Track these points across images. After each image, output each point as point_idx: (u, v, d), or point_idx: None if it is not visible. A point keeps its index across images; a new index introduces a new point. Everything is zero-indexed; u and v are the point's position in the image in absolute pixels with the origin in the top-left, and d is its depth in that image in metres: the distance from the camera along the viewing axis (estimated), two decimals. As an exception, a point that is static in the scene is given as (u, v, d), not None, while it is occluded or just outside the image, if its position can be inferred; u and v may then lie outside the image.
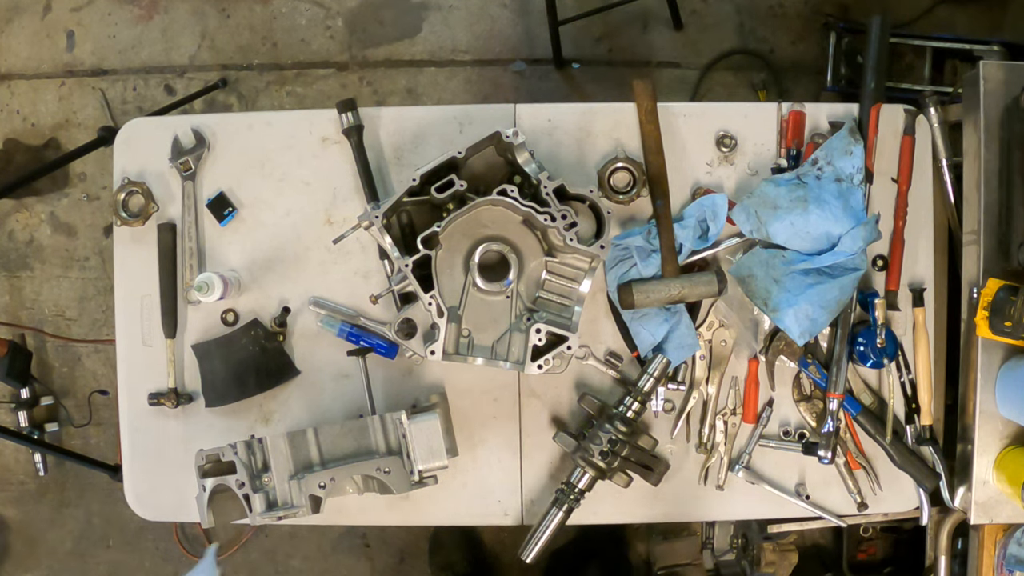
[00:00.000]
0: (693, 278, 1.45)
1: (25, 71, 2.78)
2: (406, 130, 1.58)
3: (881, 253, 1.54)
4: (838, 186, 1.48)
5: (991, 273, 1.46)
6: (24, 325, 2.71)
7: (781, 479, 1.55)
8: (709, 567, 2.26)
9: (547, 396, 1.55)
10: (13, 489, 2.74)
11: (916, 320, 1.52)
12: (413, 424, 1.39)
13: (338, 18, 2.72)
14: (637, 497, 1.51)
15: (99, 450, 2.65)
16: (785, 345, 1.52)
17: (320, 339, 1.56)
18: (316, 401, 1.56)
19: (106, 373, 2.70)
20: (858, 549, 2.21)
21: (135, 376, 1.58)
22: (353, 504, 1.53)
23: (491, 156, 1.49)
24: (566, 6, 2.48)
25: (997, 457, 1.49)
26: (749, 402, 1.53)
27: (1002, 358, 1.48)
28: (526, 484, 1.56)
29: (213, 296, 1.48)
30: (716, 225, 1.49)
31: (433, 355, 1.36)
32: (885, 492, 1.54)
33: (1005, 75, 1.50)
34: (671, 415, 1.54)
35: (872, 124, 1.51)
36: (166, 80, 2.75)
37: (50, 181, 2.71)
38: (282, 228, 1.58)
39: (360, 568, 2.65)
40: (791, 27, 2.65)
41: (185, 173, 1.58)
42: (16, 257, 2.75)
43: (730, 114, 1.57)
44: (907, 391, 1.53)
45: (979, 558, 1.57)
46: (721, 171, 1.56)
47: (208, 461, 1.38)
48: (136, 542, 2.69)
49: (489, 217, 1.42)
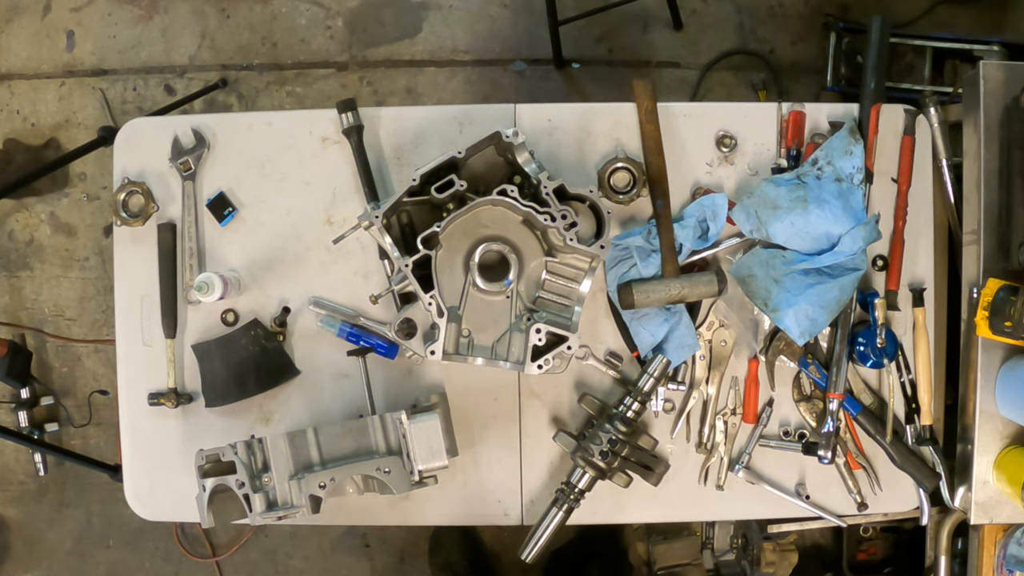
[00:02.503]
0: (693, 278, 1.45)
1: (25, 71, 2.78)
2: (406, 130, 1.58)
3: (881, 253, 1.54)
4: (838, 186, 1.48)
5: (991, 273, 1.46)
6: (24, 325, 2.71)
7: (781, 479, 1.55)
8: (709, 567, 2.26)
9: (547, 396, 1.55)
10: (13, 489, 2.74)
11: (916, 320, 1.52)
12: (413, 424, 1.39)
13: (338, 18, 2.72)
14: (637, 497, 1.51)
15: (99, 450, 2.65)
16: (785, 345, 1.52)
17: (320, 339, 1.56)
18: (316, 401, 1.56)
19: (106, 373, 2.70)
20: (858, 549, 2.21)
21: (135, 376, 1.58)
22: (353, 504, 1.53)
23: (491, 156, 1.49)
24: (566, 6, 2.48)
25: (997, 457, 1.49)
26: (749, 402, 1.53)
27: (1002, 358, 1.48)
28: (526, 484, 1.56)
29: (213, 296, 1.48)
30: (716, 225, 1.49)
31: (433, 355, 1.36)
32: (885, 492, 1.54)
33: (1005, 75, 1.50)
34: (671, 415, 1.54)
35: (872, 124, 1.51)
36: (166, 80, 2.75)
37: (50, 181, 2.71)
38: (282, 228, 1.58)
39: (360, 568, 2.65)
40: (791, 27, 2.65)
41: (185, 173, 1.58)
42: (16, 257, 2.75)
43: (730, 114, 1.57)
44: (907, 391, 1.53)
45: (979, 558, 1.58)
46: (721, 171, 1.56)
47: (208, 461, 1.38)
48: (136, 542, 2.69)
49: (489, 217, 1.42)
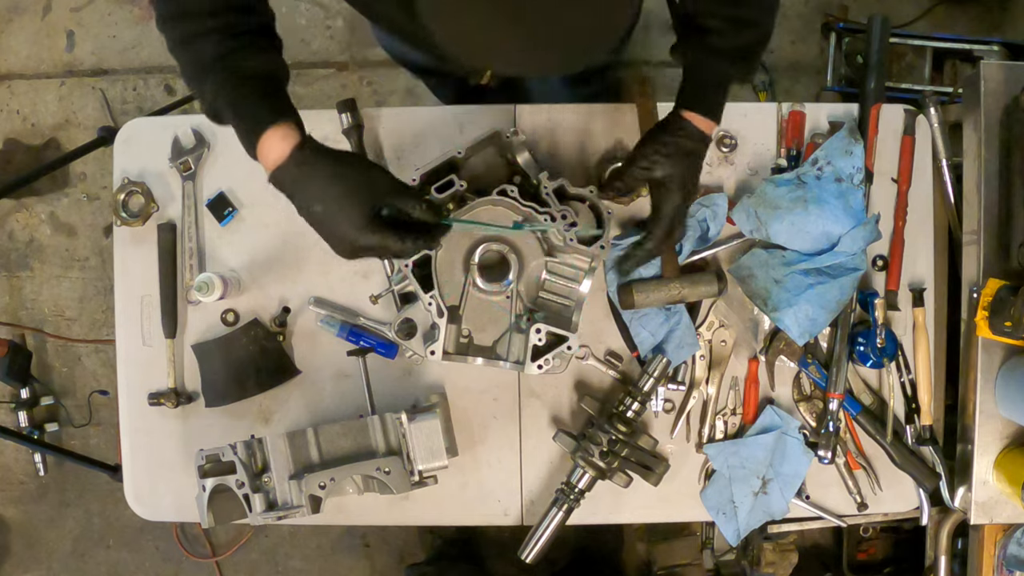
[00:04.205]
0: (693, 278, 1.45)
1: (25, 71, 2.79)
2: (406, 130, 1.58)
3: (881, 253, 1.54)
4: (838, 186, 1.48)
5: (991, 273, 1.46)
6: (24, 325, 2.71)
7: (781, 479, 1.55)
8: (709, 567, 2.26)
9: (547, 396, 1.55)
10: (13, 489, 2.74)
11: (916, 320, 1.52)
12: (413, 424, 1.39)
13: (338, 18, 2.72)
14: (637, 497, 1.51)
15: (99, 450, 2.65)
16: (785, 345, 1.52)
17: (320, 339, 1.56)
18: (316, 401, 1.57)
19: (106, 373, 2.70)
20: (858, 549, 2.21)
21: (135, 376, 1.58)
22: (353, 504, 1.53)
23: (491, 156, 1.49)
24: (566, 6, 2.48)
25: (997, 457, 1.49)
26: (749, 402, 1.53)
27: (1002, 358, 1.48)
28: (526, 484, 1.56)
29: (213, 296, 1.48)
30: (716, 225, 1.49)
31: (433, 355, 1.36)
32: (885, 492, 1.54)
33: (1005, 75, 1.50)
34: (671, 415, 1.54)
35: (872, 124, 1.51)
36: (166, 80, 2.75)
37: (50, 181, 2.71)
38: (282, 228, 1.57)
39: (360, 568, 2.65)
40: (791, 27, 2.65)
41: (185, 173, 1.58)
42: (16, 257, 2.75)
43: (730, 114, 1.55)
44: (907, 391, 1.53)
45: (979, 558, 1.58)
46: (721, 171, 1.56)
47: (208, 461, 1.38)
48: (136, 542, 2.70)
49: (489, 217, 1.42)
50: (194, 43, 1.11)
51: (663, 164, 1.24)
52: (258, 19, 1.16)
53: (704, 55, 1.23)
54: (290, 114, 1.12)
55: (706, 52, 1.22)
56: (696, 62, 1.25)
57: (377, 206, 1.13)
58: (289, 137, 1.10)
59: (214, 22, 1.10)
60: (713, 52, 1.22)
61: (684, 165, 1.25)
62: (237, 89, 1.11)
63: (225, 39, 1.11)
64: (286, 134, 1.10)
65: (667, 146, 1.24)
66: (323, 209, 1.11)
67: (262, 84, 1.14)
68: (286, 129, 1.10)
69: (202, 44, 1.10)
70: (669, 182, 1.25)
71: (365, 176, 1.14)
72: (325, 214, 1.11)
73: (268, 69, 1.16)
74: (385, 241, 1.12)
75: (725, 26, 1.20)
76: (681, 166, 1.24)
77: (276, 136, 1.09)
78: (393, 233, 1.13)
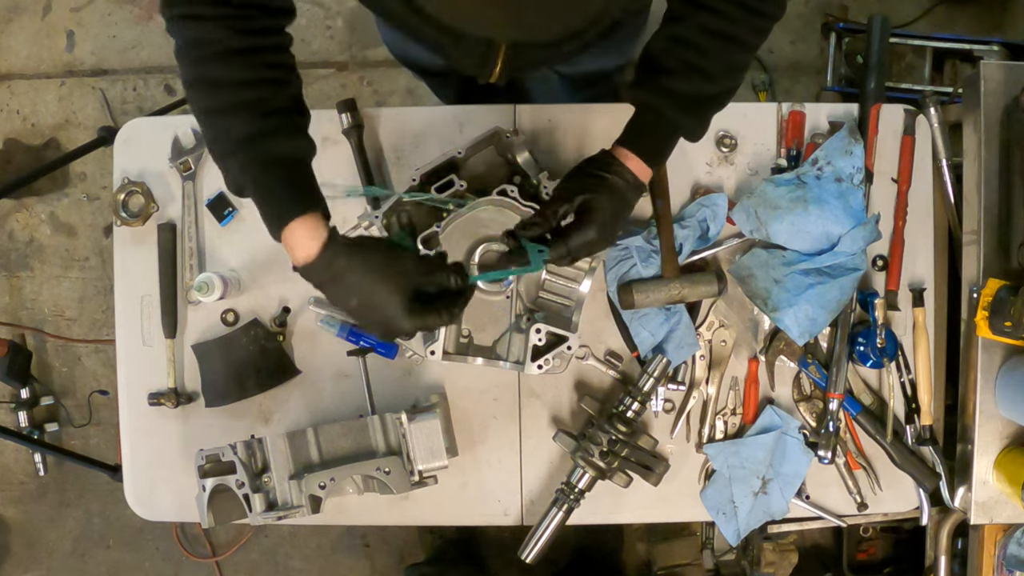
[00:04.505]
0: (693, 278, 1.45)
1: (25, 71, 2.79)
2: (406, 130, 1.58)
3: (881, 253, 1.54)
4: (838, 186, 1.48)
5: (991, 273, 1.46)
6: (24, 325, 2.71)
7: (781, 479, 1.55)
8: (709, 567, 2.26)
9: (547, 396, 1.55)
10: (13, 489, 2.74)
11: (916, 320, 1.52)
12: (413, 424, 1.39)
13: (338, 18, 2.72)
14: (637, 497, 1.51)
15: (99, 450, 2.65)
16: (785, 345, 1.52)
17: (320, 339, 1.56)
18: (316, 401, 1.57)
19: (106, 373, 2.70)
20: (858, 549, 2.21)
21: (135, 376, 1.58)
22: (353, 504, 1.53)
23: (491, 156, 1.49)
24: (566, 6, 2.48)
25: (997, 457, 1.49)
26: (749, 402, 1.53)
27: (1002, 358, 1.48)
28: (526, 484, 1.56)
29: (213, 296, 1.48)
30: (716, 225, 1.49)
31: (433, 355, 1.37)
32: (885, 492, 1.54)
33: (1005, 75, 1.50)
34: (671, 415, 1.54)
35: (872, 124, 1.51)
36: (166, 80, 2.75)
37: (50, 181, 2.71)
38: (282, 228, 1.57)
39: (360, 568, 2.65)
40: (791, 27, 2.65)
41: (185, 173, 1.58)
42: (16, 257, 2.75)
43: (730, 114, 1.56)
44: (907, 391, 1.53)
45: (979, 558, 1.58)
46: (721, 171, 1.56)
47: (208, 461, 1.38)
48: (136, 542, 2.70)
49: (489, 217, 1.42)
50: (224, 117, 1.08)
51: (585, 199, 1.16)
52: (291, 92, 1.12)
53: (656, 96, 1.17)
54: (316, 204, 1.10)
55: (659, 93, 1.16)
56: (646, 102, 1.19)
57: (411, 290, 1.11)
58: (316, 235, 1.07)
59: (249, 94, 1.07)
60: (666, 93, 1.16)
61: (609, 203, 1.16)
62: (264, 172, 1.08)
63: (256, 118, 1.07)
64: (313, 229, 1.07)
65: (592, 178, 1.17)
66: (359, 303, 1.09)
67: (290, 170, 1.10)
68: (313, 222, 1.08)
69: (232, 120, 1.07)
70: (587, 216, 1.16)
71: (395, 265, 1.11)
72: (362, 307, 1.10)
73: (298, 155, 1.12)
74: (426, 322, 1.11)
75: (683, 68, 1.14)
76: (605, 203, 1.16)
77: (303, 230, 1.07)
78: (432, 311, 1.11)
